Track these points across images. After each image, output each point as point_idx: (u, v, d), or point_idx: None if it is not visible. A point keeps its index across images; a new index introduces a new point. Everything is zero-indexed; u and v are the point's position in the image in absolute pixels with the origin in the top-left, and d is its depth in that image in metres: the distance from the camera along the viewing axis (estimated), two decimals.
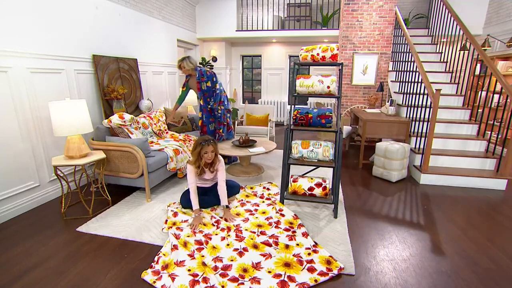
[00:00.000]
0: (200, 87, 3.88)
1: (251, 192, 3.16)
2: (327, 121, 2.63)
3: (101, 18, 3.72)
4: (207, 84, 3.88)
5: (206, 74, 3.87)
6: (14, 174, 2.74)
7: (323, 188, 2.59)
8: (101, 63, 3.68)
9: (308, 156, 2.65)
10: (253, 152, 3.55)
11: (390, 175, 3.52)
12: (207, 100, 3.95)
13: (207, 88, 3.89)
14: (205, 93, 3.91)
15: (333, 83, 2.60)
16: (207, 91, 3.90)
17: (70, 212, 2.78)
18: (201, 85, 3.87)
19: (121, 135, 3.19)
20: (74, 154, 2.67)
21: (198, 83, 3.88)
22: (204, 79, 3.86)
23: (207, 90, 3.90)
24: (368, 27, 5.01)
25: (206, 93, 3.91)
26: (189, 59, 3.88)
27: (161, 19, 5.16)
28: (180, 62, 3.87)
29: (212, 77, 3.92)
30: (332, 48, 2.65)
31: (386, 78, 5.16)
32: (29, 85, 2.82)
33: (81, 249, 2.22)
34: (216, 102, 3.98)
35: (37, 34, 2.88)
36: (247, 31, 6.56)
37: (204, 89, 3.89)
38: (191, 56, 3.96)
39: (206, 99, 3.95)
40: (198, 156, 2.63)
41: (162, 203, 2.96)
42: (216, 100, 3.99)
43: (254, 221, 2.54)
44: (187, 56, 3.91)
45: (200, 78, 3.86)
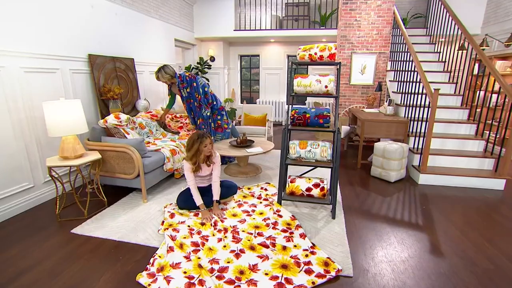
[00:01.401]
0: (181, 94, 3.92)
1: (248, 193, 3.14)
2: (325, 121, 2.60)
3: (97, 17, 3.69)
4: (187, 90, 3.88)
5: (185, 79, 3.87)
6: (8, 175, 2.70)
7: (321, 189, 2.57)
8: (97, 62, 3.64)
9: (306, 156, 2.62)
10: (251, 153, 3.53)
11: (388, 175, 3.50)
12: (189, 106, 3.97)
13: (188, 95, 3.90)
14: (187, 100, 3.94)
15: (331, 83, 2.58)
16: (188, 98, 3.92)
17: (65, 213, 2.74)
18: (182, 92, 3.89)
19: (117, 136, 3.16)
20: (69, 154, 2.63)
21: (179, 90, 3.90)
22: (184, 85, 3.86)
23: (188, 96, 3.91)
24: (367, 27, 5.00)
25: (188, 100, 3.94)
26: (164, 69, 3.83)
27: (158, 18, 5.13)
28: (157, 74, 3.85)
29: (192, 82, 3.89)
30: (330, 48, 2.62)
31: (385, 78, 5.15)
32: (23, 84, 2.78)
33: (75, 251, 2.18)
34: (204, 106, 3.97)
35: (31, 34, 2.84)
36: (245, 30, 6.53)
37: (185, 95, 3.91)
38: (167, 65, 3.91)
39: (189, 105, 3.97)
40: (196, 152, 2.62)
41: (158, 204, 2.93)
42: (204, 102, 3.97)
43: (251, 222, 2.51)
44: (162, 67, 3.86)
45: (180, 85, 3.86)
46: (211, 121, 4.12)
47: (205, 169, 2.83)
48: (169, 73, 3.85)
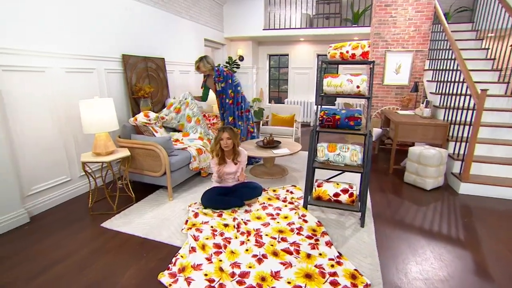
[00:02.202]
0: (215, 88, 3.94)
1: (273, 195, 3.07)
2: (356, 123, 2.46)
3: (131, 19, 3.82)
4: (222, 85, 3.90)
5: (223, 74, 3.89)
6: (49, 168, 2.88)
7: (349, 195, 2.43)
8: (130, 62, 3.77)
9: (335, 160, 2.49)
10: (277, 154, 3.45)
11: (424, 182, 3.24)
12: (222, 102, 3.99)
13: (222, 89, 3.92)
14: (220, 94, 3.95)
15: (364, 83, 2.43)
16: (222, 92, 3.93)
17: (97, 207, 2.86)
18: (216, 85, 3.91)
19: (146, 133, 3.24)
20: (101, 151, 2.74)
21: (215, 83, 3.91)
22: (220, 79, 3.88)
23: (221, 91, 3.93)
24: (403, 23, 4.69)
25: (221, 94, 3.94)
26: (206, 59, 3.88)
27: (189, 19, 5.22)
28: (198, 63, 3.87)
29: (228, 78, 3.91)
30: (364, 45, 2.47)
31: (422, 78, 4.80)
32: (64, 84, 2.95)
33: (104, 246, 2.26)
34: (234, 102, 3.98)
35: (71, 36, 3.00)
36: (274, 29, 6.45)
37: (219, 89, 3.92)
38: (208, 56, 3.97)
39: (221, 100, 3.98)
40: (216, 142, 2.74)
41: (183, 203, 2.96)
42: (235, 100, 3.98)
43: (276, 226, 2.44)
44: (204, 56, 3.92)
45: (216, 78, 3.88)
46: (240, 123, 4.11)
47: (232, 166, 2.83)
48: (210, 63, 3.90)
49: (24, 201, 2.67)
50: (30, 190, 2.73)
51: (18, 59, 2.54)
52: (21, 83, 2.58)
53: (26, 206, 2.68)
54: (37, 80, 2.71)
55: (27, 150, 2.67)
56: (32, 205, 2.74)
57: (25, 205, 2.67)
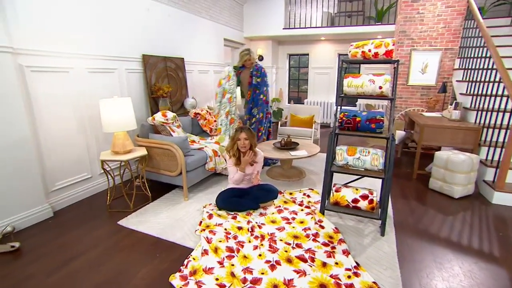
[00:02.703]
0: (251, 81, 3.96)
1: (289, 198, 2.99)
2: (377, 126, 2.33)
3: (152, 19, 3.87)
4: (258, 80, 3.95)
5: (261, 70, 3.97)
6: (72, 165, 2.98)
7: (369, 201, 2.30)
8: (150, 62, 3.83)
9: (354, 164, 2.38)
10: (294, 156, 3.37)
11: (452, 190, 3.03)
12: (253, 96, 3.98)
13: (257, 84, 3.95)
14: (254, 88, 3.96)
15: (387, 83, 2.29)
16: (256, 87, 3.96)
17: (114, 204, 2.92)
18: (253, 79, 3.94)
19: (163, 133, 3.27)
20: (119, 149, 2.79)
21: (251, 77, 3.95)
22: (258, 73, 3.95)
23: (256, 85, 3.95)
24: (431, 20, 4.43)
25: (255, 89, 3.96)
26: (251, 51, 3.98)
27: (209, 19, 5.23)
28: (248, 55, 3.90)
29: (264, 76, 4.00)
30: (387, 44, 2.34)
31: (451, 78, 4.51)
32: (86, 84, 3.03)
33: (119, 243, 2.29)
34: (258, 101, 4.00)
35: (94, 37, 3.08)
36: (294, 29, 6.34)
37: (255, 83, 3.95)
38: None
39: (253, 94, 3.98)
40: (232, 142, 2.71)
41: (199, 203, 2.95)
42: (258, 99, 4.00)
43: (291, 231, 2.36)
44: (249, 49, 4.02)
45: (254, 72, 3.93)
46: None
47: (248, 168, 2.78)
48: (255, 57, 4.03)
49: (48, 197, 2.77)
50: (54, 186, 2.83)
51: (45, 60, 2.64)
52: (47, 84, 2.68)
53: (50, 201, 2.78)
54: (62, 81, 2.80)
55: (52, 148, 2.77)
56: (56, 201, 2.84)
57: (49, 200, 2.77)
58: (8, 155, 2.37)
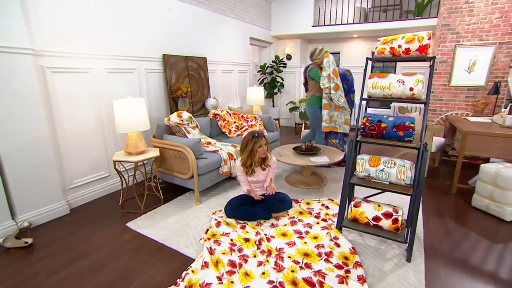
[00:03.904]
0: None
1: (306, 209, 2.75)
2: (406, 133, 2.01)
3: (173, 19, 3.84)
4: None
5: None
6: (89, 164, 3.03)
7: (393, 221, 1.99)
8: (170, 62, 3.80)
9: (377, 176, 2.08)
10: (315, 162, 3.11)
11: (502, 211, 2.56)
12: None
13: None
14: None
15: (419, 84, 1.96)
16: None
17: (127, 205, 2.91)
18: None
19: (178, 134, 3.21)
20: (131, 150, 2.76)
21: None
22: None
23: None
24: (483, 10, 3.86)
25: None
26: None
27: (234, 17, 5.12)
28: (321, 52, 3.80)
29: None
30: (421, 38, 2.00)
31: (506, 77, 3.91)
32: (105, 84, 3.07)
33: (124, 246, 2.25)
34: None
35: (114, 37, 3.10)
36: (324, 26, 6.00)
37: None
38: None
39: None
40: (250, 153, 2.49)
41: (209, 208, 2.83)
42: None
43: (301, 248, 2.14)
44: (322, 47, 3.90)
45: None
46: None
47: (260, 174, 2.62)
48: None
49: (66, 194, 2.85)
50: (71, 184, 2.89)
51: (65, 61, 2.69)
52: (67, 84, 2.74)
53: (68, 199, 2.85)
54: (81, 81, 2.85)
55: (70, 146, 2.84)
56: (73, 198, 2.90)
57: (66, 197, 2.84)
58: (28, 153, 2.44)
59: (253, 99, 4.81)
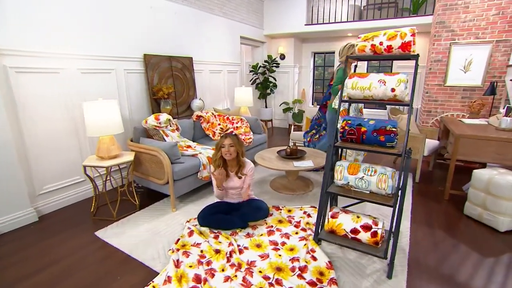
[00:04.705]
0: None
1: (286, 217, 2.59)
2: (387, 138, 1.84)
3: (155, 17, 3.70)
4: None
5: None
6: (63, 168, 2.90)
7: (372, 234, 1.83)
8: (152, 62, 3.66)
9: (357, 185, 1.92)
10: (298, 167, 2.95)
11: (495, 221, 2.39)
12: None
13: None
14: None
15: (401, 85, 1.80)
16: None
17: (100, 212, 2.77)
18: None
19: (156, 137, 3.06)
20: (103, 154, 2.63)
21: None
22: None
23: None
24: (479, 6, 3.68)
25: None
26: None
27: (223, 16, 4.97)
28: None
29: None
30: (404, 34, 1.84)
31: (503, 76, 3.72)
32: (79, 85, 2.93)
33: (88, 257, 2.13)
34: None
35: (88, 36, 2.96)
36: (317, 24, 5.84)
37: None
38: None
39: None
40: (217, 152, 2.38)
41: (185, 216, 2.69)
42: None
43: (274, 261, 1.98)
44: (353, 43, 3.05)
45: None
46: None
47: (236, 181, 2.46)
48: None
49: (35, 200, 2.71)
50: (42, 189, 2.76)
51: (32, 61, 2.55)
52: (35, 85, 2.60)
53: (38, 205, 2.72)
54: (51, 82, 2.71)
55: (39, 150, 2.70)
56: (43, 204, 2.77)
57: (35, 204, 2.70)
58: None
59: (241, 100, 4.66)
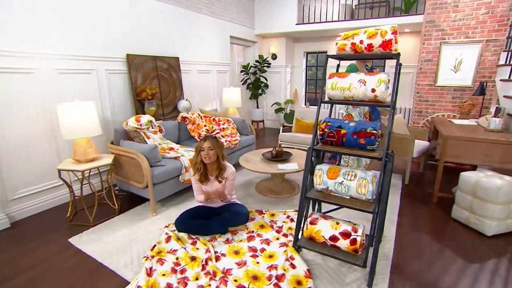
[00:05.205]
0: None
1: (268, 222, 2.51)
2: (367, 141, 1.76)
3: (139, 16, 3.61)
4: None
5: None
6: (39, 172, 2.79)
7: (351, 242, 1.74)
8: (135, 62, 3.57)
9: (336, 190, 1.84)
10: (282, 170, 2.87)
11: (482, 224, 2.32)
12: None
13: None
14: None
15: (381, 85, 1.72)
16: None
17: (79, 217, 2.68)
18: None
19: (136, 140, 2.97)
20: (80, 158, 2.54)
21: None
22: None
23: None
24: (468, 5, 3.61)
25: None
26: None
27: (211, 15, 4.88)
28: None
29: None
30: (384, 32, 1.77)
31: (493, 76, 3.66)
32: (56, 86, 2.83)
33: (60, 265, 2.05)
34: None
35: (65, 35, 2.86)
36: (308, 24, 5.76)
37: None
38: None
39: None
40: (197, 155, 2.29)
41: (166, 220, 2.60)
42: None
43: (251, 269, 1.90)
44: None
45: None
46: None
47: (215, 185, 2.38)
48: None
49: (7, 206, 2.60)
50: (15, 194, 2.65)
51: (3, 60, 2.45)
52: (6, 86, 2.50)
53: (10, 211, 2.62)
54: (25, 82, 2.62)
55: (12, 154, 2.59)
56: (17, 210, 2.67)
57: (7, 209, 2.60)
58: None
59: (229, 100, 4.58)
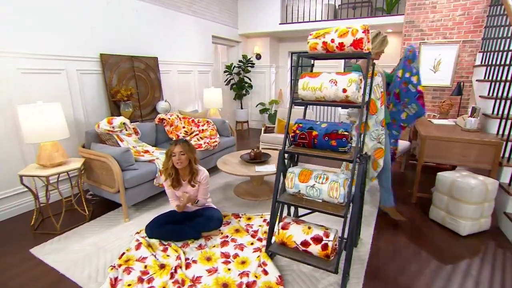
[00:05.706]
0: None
1: (243, 226, 2.44)
2: (339, 143, 1.71)
3: (113, 15, 3.48)
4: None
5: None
6: (1, 177, 2.64)
7: (322, 247, 1.69)
8: (110, 62, 3.44)
9: (308, 193, 1.78)
10: (259, 172, 2.81)
11: (457, 224, 2.31)
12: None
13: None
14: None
15: (352, 85, 1.68)
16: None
17: (45, 225, 2.55)
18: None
19: (109, 142, 2.85)
20: (45, 162, 2.41)
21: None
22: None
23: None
24: (446, 6, 3.64)
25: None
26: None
27: (192, 14, 4.78)
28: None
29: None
30: (355, 31, 1.72)
31: (470, 77, 3.70)
32: (19, 86, 2.68)
33: (17, 278, 1.91)
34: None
35: (32, 33, 2.73)
36: (292, 23, 5.73)
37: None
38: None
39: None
40: (168, 160, 2.20)
41: (140, 226, 2.48)
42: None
43: (222, 276, 1.82)
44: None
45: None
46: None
47: (189, 189, 2.29)
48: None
49: None
50: None
51: None
52: None
53: None
54: None
55: None
56: None
57: None
58: None
59: (210, 101, 4.49)
